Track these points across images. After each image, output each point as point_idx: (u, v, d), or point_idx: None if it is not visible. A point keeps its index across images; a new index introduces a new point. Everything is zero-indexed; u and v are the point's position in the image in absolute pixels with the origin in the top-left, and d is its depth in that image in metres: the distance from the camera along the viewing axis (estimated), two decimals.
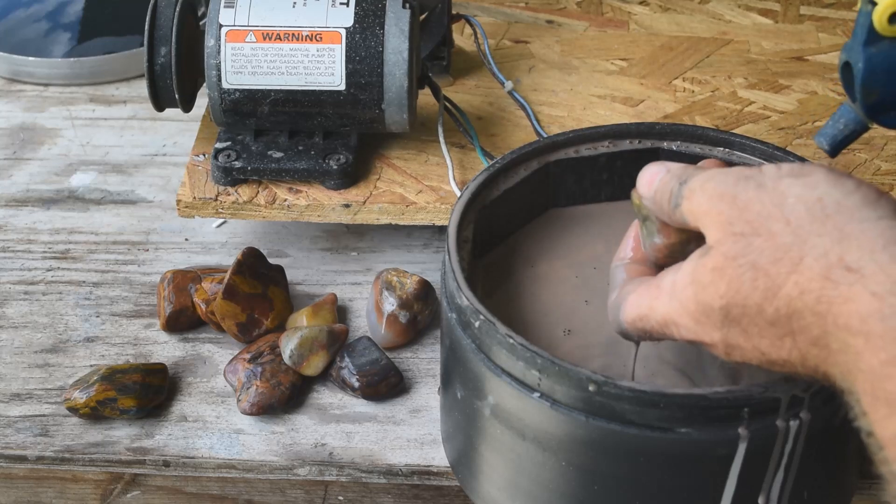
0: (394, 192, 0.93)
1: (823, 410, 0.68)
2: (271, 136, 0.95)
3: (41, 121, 1.13)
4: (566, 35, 1.13)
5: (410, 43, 0.91)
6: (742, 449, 0.67)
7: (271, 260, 0.92)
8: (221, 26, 0.91)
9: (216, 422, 0.85)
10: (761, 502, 0.70)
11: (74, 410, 0.84)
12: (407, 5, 0.91)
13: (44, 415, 0.86)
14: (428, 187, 0.94)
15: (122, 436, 0.84)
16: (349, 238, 1.00)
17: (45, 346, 0.91)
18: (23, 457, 0.84)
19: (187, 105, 0.94)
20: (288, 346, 0.86)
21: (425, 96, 0.98)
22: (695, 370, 0.75)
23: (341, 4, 0.91)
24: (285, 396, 0.85)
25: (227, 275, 0.88)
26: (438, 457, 0.82)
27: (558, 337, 0.77)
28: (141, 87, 1.15)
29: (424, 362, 0.89)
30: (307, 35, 0.90)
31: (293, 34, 0.91)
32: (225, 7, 0.91)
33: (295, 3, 0.91)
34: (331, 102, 0.91)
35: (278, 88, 0.91)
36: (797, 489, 0.71)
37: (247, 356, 0.87)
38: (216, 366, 0.89)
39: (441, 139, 0.95)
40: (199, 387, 0.88)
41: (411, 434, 0.84)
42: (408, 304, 0.89)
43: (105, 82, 1.17)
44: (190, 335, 0.91)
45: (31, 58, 1.17)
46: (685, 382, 0.75)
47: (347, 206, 0.92)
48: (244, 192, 0.93)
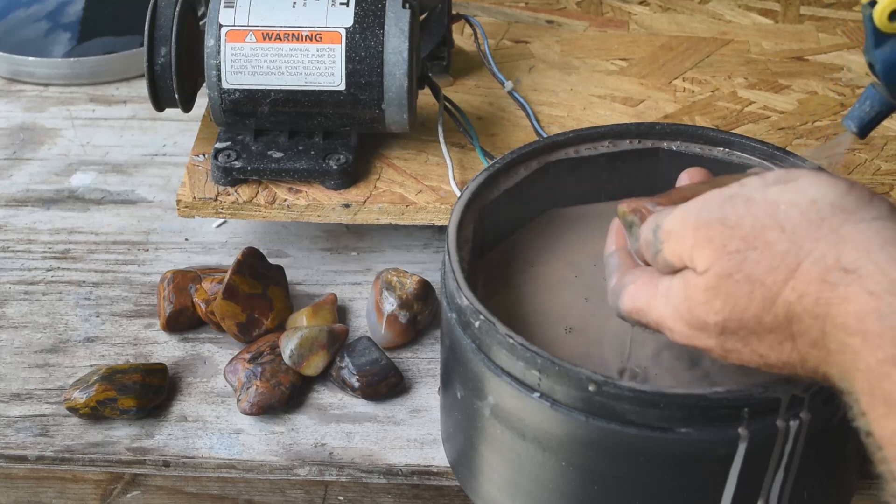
0: (394, 192, 0.93)
1: (823, 410, 0.68)
2: (271, 136, 0.95)
3: (41, 121, 1.13)
4: (566, 35, 1.13)
5: (410, 43, 0.91)
6: (742, 449, 0.67)
7: (271, 260, 0.92)
8: (221, 26, 0.91)
9: (216, 422, 0.85)
10: (761, 503, 0.70)
11: (74, 410, 0.84)
12: (407, 5, 0.91)
13: (44, 415, 0.86)
14: (428, 187, 0.94)
15: (122, 436, 0.84)
16: (349, 238, 1.00)
17: (45, 346, 0.91)
18: (23, 457, 0.84)
19: (187, 105, 0.94)
20: (288, 346, 0.86)
21: (425, 96, 0.98)
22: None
23: (341, 4, 0.91)
24: (285, 396, 0.85)
25: (227, 275, 0.88)
26: (438, 457, 0.82)
27: (560, 335, 0.77)
28: (141, 87, 1.15)
29: (424, 362, 0.89)
30: (307, 35, 0.90)
31: (293, 34, 0.91)
32: (225, 7, 0.91)
33: (295, 3, 0.91)
34: (331, 102, 0.91)
35: (278, 88, 0.91)
36: (797, 489, 0.71)
37: (247, 356, 0.87)
38: (216, 366, 0.89)
39: (441, 139, 0.95)
40: (199, 387, 0.88)
41: (411, 434, 0.84)
42: (408, 304, 0.89)
43: (105, 82, 1.17)
44: (190, 335, 0.91)
45: (31, 58, 1.17)
46: (685, 363, 0.74)
47: (347, 206, 0.92)
48: (244, 192, 0.93)
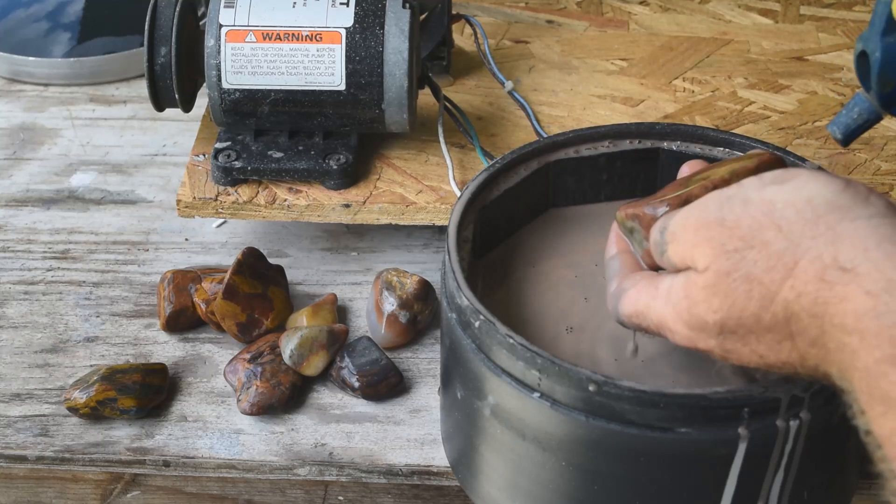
0: (394, 192, 0.93)
1: (823, 410, 0.68)
2: (271, 136, 0.95)
3: (41, 121, 1.13)
4: (566, 35, 1.13)
5: (410, 43, 0.91)
6: (742, 449, 0.67)
7: (271, 260, 0.92)
8: (221, 26, 0.91)
9: (216, 422, 0.85)
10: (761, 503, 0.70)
11: (74, 410, 0.84)
12: (407, 5, 0.91)
13: (44, 415, 0.86)
14: (428, 187, 0.94)
15: (122, 436, 0.84)
16: (349, 238, 1.00)
17: (45, 346, 0.91)
18: (23, 457, 0.84)
19: (187, 105, 0.94)
20: (288, 346, 0.86)
21: (425, 96, 0.98)
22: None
23: (341, 4, 0.91)
24: (285, 396, 0.85)
25: (227, 275, 0.88)
26: (438, 457, 0.82)
27: (561, 334, 0.77)
28: (141, 87, 1.15)
29: (424, 362, 0.89)
30: (307, 35, 0.90)
31: (293, 34, 0.91)
32: (225, 7, 0.91)
33: (295, 3, 0.91)
34: (331, 102, 0.91)
35: (278, 88, 0.91)
36: (797, 489, 0.71)
37: (247, 356, 0.87)
38: (216, 366, 0.89)
39: (441, 139, 0.95)
40: (199, 387, 0.88)
41: (411, 434, 0.84)
42: (408, 304, 0.89)
43: (105, 82, 1.17)
44: (190, 335, 0.91)
45: (31, 58, 1.17)
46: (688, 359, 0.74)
47: (347, 206, 0.92)
48: (244, 192, 0.93)
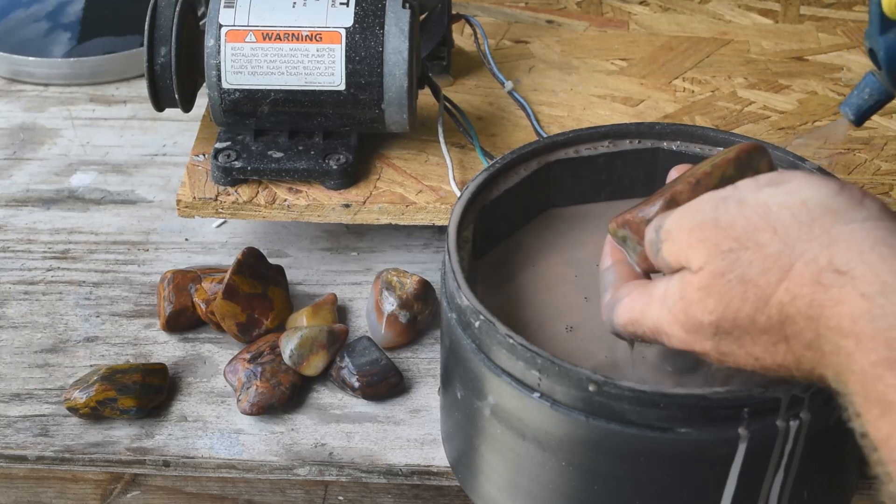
0: (394, 192, 0.93)
1: (823, 410, 0.68)
2: (271, 136, 0.95)
3: (41, 121, 1.13)
4: (566, 35, 1.13)
5: (410, 43, 0.91)
6: (742, 449, 0.68)
7: (271, 260, 0.92)
8: (221, 26, 0.91)
9: (216, 422, 0.85)
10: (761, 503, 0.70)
11: (74, 410, 0.84)
12: (407, 5, 0.91)
13: (44, 415, 0.86)
14: (428, 187, 0.94)
15: (122, 436, 0.84)
16: (349, 238, 1.00)
17: (45, 346, 0.91)
18: (23, 457, 0.84)
19: (187, 105, 0.94)
20: (288, 346, 0.86)
21: (425, 96, 0.98)
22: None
23: (341, 4, 0.91)
24: (285, 396, 0.85)
25: (227, 275, 0.88)
26: (438, 457, 0.82)
27: (561, 333, 0.77)
28: (141, 87, 1.15)
29: (424, 362, 0.89)
30: (307, 35, 0.90)
31: (293, 34, 0.91)
32: (225, 7, 0.91)
33: (295, 3, 0.91)
34: (331, 102, 0.91)
35: (278, 88, 0.91)
36: (797, 489, 0.71)
37: (247, 356, 0.87)
38: (216, 366, 0.89)
39: (441, 139, 0.95)
40: (199, 387, 0.88)
41: (411, 434, 0.84)
42: (408, 304, 0.89)
43: (105, 82, 1.17)
44: (190, 335, 0.91)
45: (31, 58, 1.17)
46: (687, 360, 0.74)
47: (347, 206, 0.92)
48: (244, 192, 0.93)
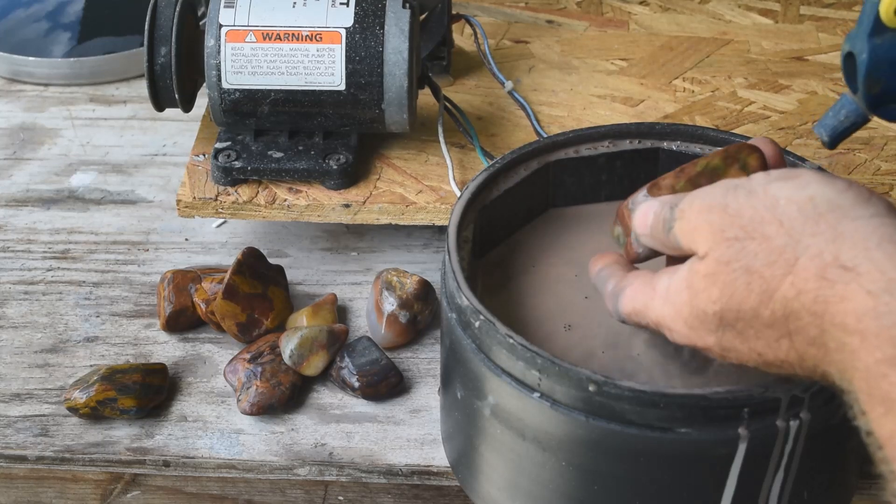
0: (394, 192, 0.93)
1: (823, 410, 0.68)
2: (271, 136, 0.95)
3: (41, 121, 1.13)
4: (566, 35, 1.13)
5: (410, 43, 0.91)
6: (742, 449, 0.68)
7: (271, 260, 0.92)
8: (221, 26, 0.91)
9: (216, 422, 0.85)
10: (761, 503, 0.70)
11: (74, 410, 0.84)
12: (407, 5, 0.91)
13: (44, 415, 0.86)
14: (428, 187, 0.94)
15: (122, 436, 0.84)
16: (349, 238, 1.00)
17: (45, 346, 0.91)
18: (23, 457, 0.84)
19: (187, 105, 0.94)
20: (288, 346, 0.86)
21: (425, 96, 0.98)
22: None
23: (341, 4, 0.91)
24: (285, 396, 0.85)
25: (227, 275, 0.88)
26: (438, 457, 0.82)
27: (559, 332, 0.77)
28: (141, 87, 1.15)
29: (424, 362, 0.89)
30: (307, 35, 0.90)
31: (293, 34, 0.91)
32: (225, 7, 0.91)
33: (295, 3, 0.91)
34: (331, 102, 0.91)
35: (278, 88, 0.91)
36: (797, 489, 0.71)
37: (247, 356, 0.87)
38: (216, 366, 0.89)
39: (441, 139, 0.95)
40: (199, 387, 0.88)
41: (411, 434, 0.84)
42: (408, 304, 0.89)
43: (105, 82, 1.17)
44: (190, 335, 0.92)
45: (31, 58, 1.17)
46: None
47: (347, 206, 0.92)
48: (244, 192, 0.93)
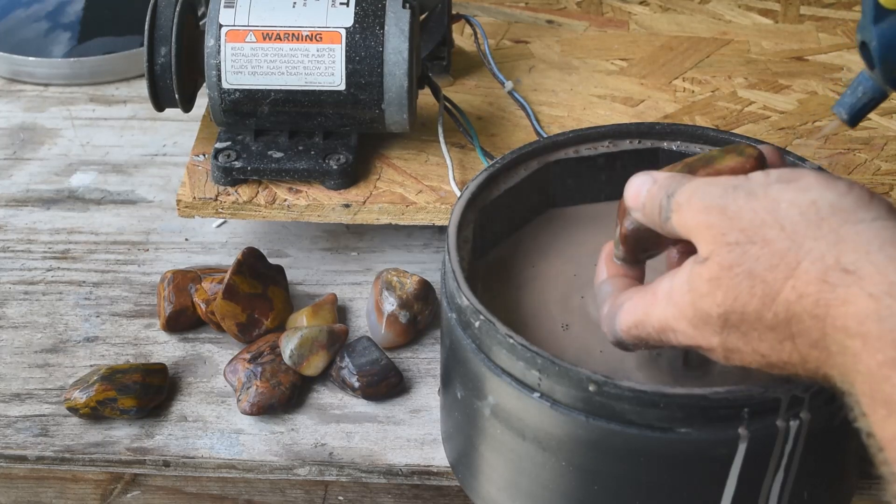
0: (394, 192, 0.93)
1: (823, 410, 0.68)
2: (271, 136, 0.95)
3: (41, 121, 1.13)
4: (566, 35, 1.13)
5: (410, 43, 0.91)
6: (742, 449, 0.68)
7: (271, 260, 0.92)
8: (221, 26, 0.91)
9: (216, 422, 0.85)
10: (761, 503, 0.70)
11: (74, 410, 0.84)
12: (407, 5, 0.91)
13: (44, 415, 0.86)
14: (428, 187, 0.94)
15: (122, 436, 0.84)
16: (349, 238, 1.00)
17: (45, 346, 0.91)
18: (23, 457, 0.84)
19: (187, 105, 0.94)
20: (288, 346, 0.86)
21: (425, 96, 0.98)
22: None
23: (341, 4, 0.91)
24: (285, 396, 0.85)
25: (227, 275, 0.88)
26: (438, 457, 0.82)
27: (557, 332, 0.77)
28: (141, 87, 1.15)
29: (424, 362, 0.89)
30: (307, 35, 0.90)
31: (293, 34, 0.91)
32: (225, 7, 0.91)
33: (295, 3, 0.91)
34: (331, 102, 0.91)
35: (278, 88, 0.91)
36: (797, 489, 0.71)
37: (247, 356, 0.87)
38: (216, 366, 0.89)
39: (441, 139, 0.95)
40: (199, 387, 0.88)
41: (411, 434, 0.84)
42: (408, 304, 0.89)
43: (105, 82, 1.17)
44: (190, 335, 0.91)
45: (31, 58, 1.17)
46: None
47: (347, 206, 0.92)
48: (244, 192, 0.93)
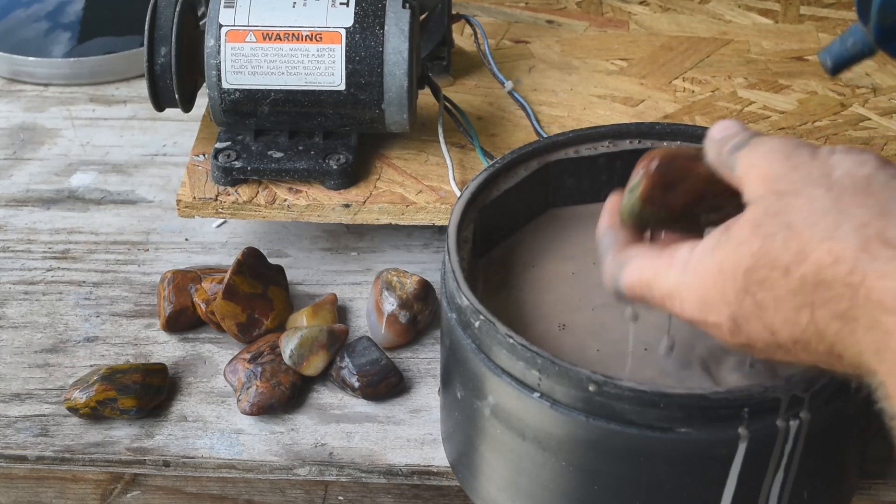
0: (394, 192, 0.93)
1: (823, 410, 0.68)
2: (271, 136, 0.95)
3: (41, 121, 1.13)
4: (566, 35, 1.13)
5: (410, 43, 0.91)
6: (742, 449, 0.68)
7: (271, 260, 0.92)
8: (221, 26, 0.91)
9: (216, 422, 0.85)
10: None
11: (74, 410, 0.84)
12: (407, 5, 0.91)
13: (44, 415, 0.86)
14: (428, 187, 0.94)
15: (122, 436, 0.84)
16: (349, 238, 1.00)
17: (45, 346, 0.91)
18: (23, 457, 0.84)
19: (187, 105, 0.94)
20: (288, 346, 0.86)
21: (425, 96, 0.98)
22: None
23: (341, 4, 0.91)
24: (285, 396, 0.85)
25: (227, 275, 0.88)
26: (438, 457, 0.82)
27: (553, 332, 0.77)
28: (141, 87, 1.15)
29: (424, 362, 0.89)
30: (307, 35, 0.90)
31: (293, 34, 0.91)
32: (225, 7, 0.91)
33: (295, 3, 0.91)
34: (331, 102, 0.91)
35: (278, 88, 0.91)
36: (797, 489, 0.71)
37: (247, 356, 0.87)
38: (216, 366, 0.89)
39: (441, 139, 0.95)
40: (199, 387, 0.88)
41: (411, 434, 0.84)
42: (408, 304, 0.89)
43: (105, 82, 1.17)
44: (190, 335, 0.92)
45: (31, 58, 1.17)
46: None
47: (347, 206, 0.92)
48: (244, 192, 0.93)
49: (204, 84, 0.93)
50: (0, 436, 0.85)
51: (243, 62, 0.91)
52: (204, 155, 0.96)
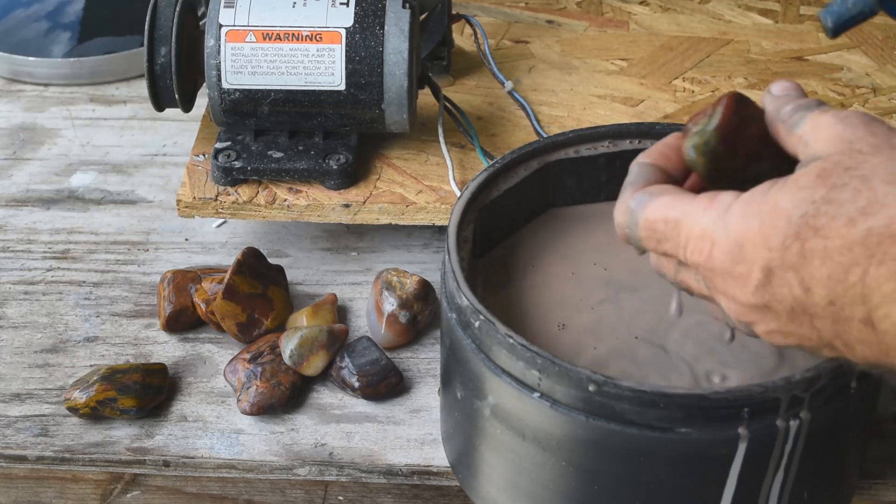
0: (394, 192, 0.93)
1: (823, 410, 0.68)
2: (271, 136, 0.95)
3: (41, 121, 1.13)
4: (566, 35, 1.13)
5: (410, 43, 0.91)
6: (742, 449, 0.68)
7: (271, 260, 0.92)
8: (221, 26, 0.91)
9: (216, 422, 0.85)
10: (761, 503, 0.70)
11: (74, 410, 0.84)
12: (407, 5, 0.91)
13: (44, 415, 0.86)
14: (428, 187, 0.94)
15: (122, 436, 0.84)
16: (349, 238, 1.00)
17: (45, 346, 0.91)
18: (23, 457, 0.84)
19: (187, 105, 0.94)
20: (288, 346, 0.86)
21: (425, 96, 0.98)
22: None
23: (341, 4, 0.91)
24: (285, 396, 0.85)
25: (227, 275, 0.88)
26: (438, 457, 0.82)
27: (552, 332, 0.77)
28: (141, 87, 1.15)
29: (424, 362, 0.89)
30: (307, 35, 0.90)
31: (293, 34, 0.91)
32: (225, 7, 0.91)
33: (295, 3, 0.91)
34: (331, 102, 0.91)
35: (278, 88, 0.91)
36: (797, 489, 0.71)
37: (247, 356, 0.87)
38: (216, 366, 0.89)
39: (441, 139, 0.95)
40: (199, 387, 0.88)
41: (411, 434, 0.84)
42: (408, 304, 0.89)
43: (105, 82, 1.17)
44: (190, 335, 0.92)
45: (31, 58, 1.17)
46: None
47: (347, 206, 0.92)
48: (244, 192, 0.93)
49: (204, 84, 0.93)
50: (0, 436, 0.85)
51: (243, 62, 0.91)
52: (204, 155, 0.96)
